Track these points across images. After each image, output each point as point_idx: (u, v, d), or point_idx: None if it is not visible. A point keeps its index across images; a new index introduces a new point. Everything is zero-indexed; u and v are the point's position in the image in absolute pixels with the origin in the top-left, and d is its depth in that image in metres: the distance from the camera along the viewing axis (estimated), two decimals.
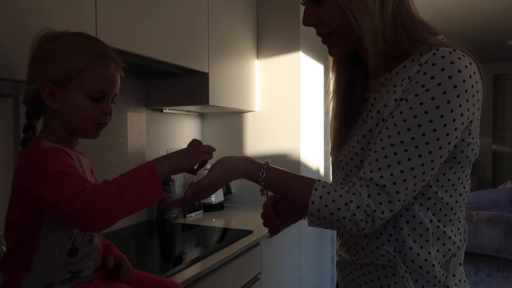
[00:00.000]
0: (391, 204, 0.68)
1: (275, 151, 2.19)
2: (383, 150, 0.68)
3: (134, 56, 1.34)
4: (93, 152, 1.61)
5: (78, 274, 0.82)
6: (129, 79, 1.82)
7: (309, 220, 0.73)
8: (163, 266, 1.30)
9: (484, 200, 2.55)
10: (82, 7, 1.11)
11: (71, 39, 0.81)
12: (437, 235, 0.74)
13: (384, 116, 0.71)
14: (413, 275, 0.74)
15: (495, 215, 2.01)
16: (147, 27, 1.36)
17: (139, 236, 1.68)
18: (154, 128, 2.00)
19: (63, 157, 0.76)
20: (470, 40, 5.06)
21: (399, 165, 0.67)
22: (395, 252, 0.74)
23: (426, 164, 0.67)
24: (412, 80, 0.68)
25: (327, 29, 0.77)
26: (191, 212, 2.01)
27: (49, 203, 0.71)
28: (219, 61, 1.83)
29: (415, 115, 0.66)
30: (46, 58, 0.79)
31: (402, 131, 0.67)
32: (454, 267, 0.76)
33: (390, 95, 0.72)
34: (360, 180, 0.70)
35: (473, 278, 1.96)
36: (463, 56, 0.67)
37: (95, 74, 0.80)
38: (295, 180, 0.76)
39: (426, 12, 3.20)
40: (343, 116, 0.84)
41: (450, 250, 0.75)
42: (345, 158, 0.79)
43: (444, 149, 0.67)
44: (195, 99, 1.78)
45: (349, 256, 0.84)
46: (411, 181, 0.67)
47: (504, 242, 1.90)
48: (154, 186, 0.72)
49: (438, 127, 0.65)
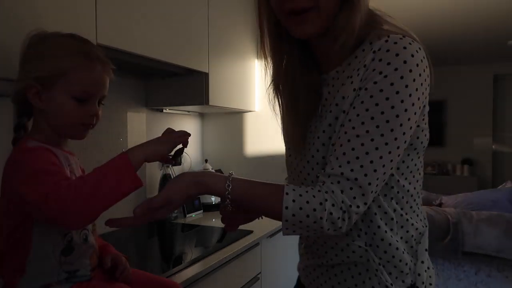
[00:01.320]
0: (364, 196, 0.66)
1: (275, 151, 2.19)
2: (349, 143, 0.67)
3: (134, 56, 1.34)
4: (93, 152, 1.61)
5: (74, 273, 0.82)
6: (129, 79, 1.82)
7: (283, 228, 0.68)
8: (163, 266, 1.29)
9: (484, 200, 2.55)
10: (82, 7, 1.11)
11: (59, 40, 0.81)
12: (400, 223, 0.74)
13: (344, 107, 0.69)
14: (386, 267, 0.73)
15: (495, 215, 2.02)
16: (147, 27, 1.36)
17: (139, 236, 1.68)
18: (154, 128, 2.00)
19: (44, 156, 0.75)
20: (470, 40, 5.07)
21: (367, 156, 0.65)
22: (366, 246, 0.73)
23: (393, 151, 0.66)
24: (369, 68, 0.67)
25: (312, 1, 0.69)
26: (191, 212, 2.01)
27: (29, 202, 0.71)
28: (219, 61, 1.83)
29: (377, 103, 0.65)
30: (34, 58, 0.79)
31: (366, 120, 0.66)
32: (422, 253, 0.76)
33: (347, 86, 0.70)
34: (330, 177, 0.67)
35: (473, 278, 1.96)
36: (413, 42, 0.67)
37: (81, 75, 0.80)
38: (263, 188, 0.72)
39: (426, 12, 3.21)
40: (297, 112, 0.80)
41: (413, 236, 0.76)
42: (305, 156, 0.77)
43: (407, 134, 0.67)
44: (195, 99, 1.78)
45: (317, 259, 0.81)
46: (381, 170, 0.66)
47: (504, 242, 1.90)
48: (128, 175, 0.71)
49: (400, 112, 0.65)
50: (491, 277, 1.93)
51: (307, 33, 0.72)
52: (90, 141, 1.61)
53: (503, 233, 1.90)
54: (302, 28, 0.72)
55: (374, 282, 0.74)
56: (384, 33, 0.68)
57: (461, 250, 1.94)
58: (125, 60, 1.37)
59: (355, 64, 0.71)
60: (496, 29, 4.09)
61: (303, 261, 0.88)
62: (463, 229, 1.96)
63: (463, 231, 1.96)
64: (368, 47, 0.70)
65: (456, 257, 1.95)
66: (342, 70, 0.74)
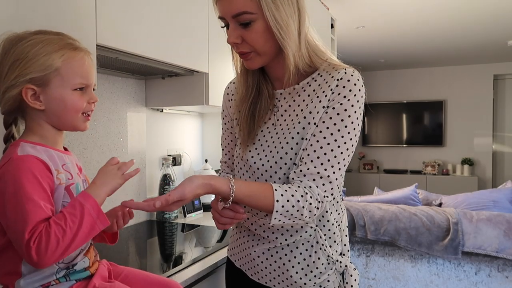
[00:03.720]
0: (333, 189, 0.90)
1: None
2: (322, 149, 0.88)
3: (134, 56, 1.34)
4: (93, 152, 1.61)
5: (72, 267, 0.82)
6: (129, 79, 1.82)
7: (273, 218, 0.86)
8: (163, 266, 1.30)
9: (484, 200, 2.55)
10: (82, 7, 1.11)
11: (38, 37, 0.80)
12: (335, 207, 1.00)
13: (315, 121, 0.90)
14: (327, 242, 0.97)
15: (495, 215, 2.01)
16: (147, 27, 1.36)
17: (139, 236, 1.68)
18: (154, 128, 2.00)
19: (32, 171, 0.74)
20: (470, 40, 5.06)
21: (336, 158, 0.88)
22: (315, 226, 0.96)
23: (351, 154, 0.91)
24: (335, 92, 0.89)
25: (248, 48, 0.91)
26: (191, 212, 2.01)
27: (3, 223, 0.73)
28: (219, 61, 1.83)
29: (342, 119, 0.88)
30: (20, 61, 0.77)
31: (334, 132, 0.88)
32: (344, 228, 1.03)
33: (315, 103, 0.91)
34: (306, 176, 0.88)
35: (473, 278, 1.97)
36: (357, 73, 0.92)
37: (74, 67, 0.81)
38: (257, 186, 0.88)
39: (426, 12, 3.21)
40: (252, 119, 1.00)
41: (339, 214, 1.02)
42: (267, 156, 0.96)
43: (357, 139, 0.92)
44: (195, 99, 1.78)
45: (267, 244, 0.99)
46: (344, 168, 0.91)
47: (504, 242, 1.90)
48: (101, 219, 0.76)
49: (356, 125, 0.90)
50: (491, 277, 1.93)
51: (253, 67, 0.95)
52: (90, 141, 1.61)
53: (503, 233, 1.90)
54: (248, 63, 0.95)
55: (319, 254, 0.96)
56: (334, 65, 0.93)
57: (461, 250, 1.94)
58: (125, 60, 1.37)
59: (315, 85, 0.94)
60: (496, 29, 4.09)
61: (244, 249, 1.04)
62: (463, 229, 1.96)
63: (463, 231, 1.96)
64: (325, 74, 0.93)
65: (456, 257, 1.95)
66: (302, 87, 0.96)
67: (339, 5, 3.34)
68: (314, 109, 0.91)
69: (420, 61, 5.83)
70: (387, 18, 3.73)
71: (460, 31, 4.19)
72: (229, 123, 1.13)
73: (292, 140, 0.92)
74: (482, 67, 5.98)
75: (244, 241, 1.05)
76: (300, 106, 0.94)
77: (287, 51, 0.89)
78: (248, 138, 1.00)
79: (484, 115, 5.98)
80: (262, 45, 0.90)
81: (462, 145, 6.10)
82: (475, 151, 6.02)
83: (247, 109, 1.00)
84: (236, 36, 0.89)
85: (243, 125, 1.01)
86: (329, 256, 0.97)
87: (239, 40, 0.90)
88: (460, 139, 6.12)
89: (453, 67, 6.13)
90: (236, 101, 1.06)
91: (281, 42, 0.88)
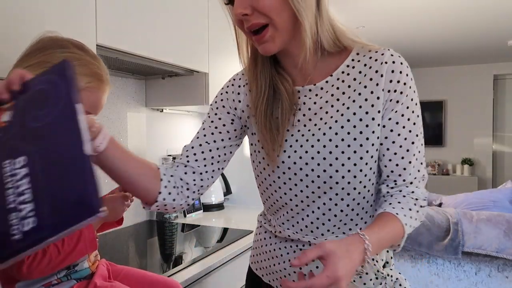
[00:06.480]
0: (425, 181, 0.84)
1: None
2: (408, 152, 0.78)
3: (134, 56, 1.34)
4: None
5: (73, 267, 0.82)
6: (129, 79, 1.82)
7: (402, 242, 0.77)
8: (163, 266, 1.30)
9: (484, 200, 2.55)
10: (82, 7, 1.11)
11: (77, 54, 0.79)
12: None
13: (379, 108, 0.77)
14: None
15: (495, 215, 2.01)
16: (147, 27, 1.36)
17: (139, 236, 1.68)
18: (154, 128, 2.00)
19: None
20: (470, 40, 5.06)
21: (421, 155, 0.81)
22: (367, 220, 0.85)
23: None
24: (387, 78, 0.76)
25: (264, 19, 0.72)
26: (191, 212, 2.01)
27: None
28: (219, 61, 1.83)
29: (413, 110, 0.78)
30: (49, 64, 0.76)
31: (412, 128, 0.78)
32: None
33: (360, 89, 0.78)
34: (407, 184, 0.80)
35: (473, 278, 1.96)
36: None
37: (91, 97, 0.81)
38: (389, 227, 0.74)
39: (426, 12, 3.20)
40: (274, 122, 0.83)
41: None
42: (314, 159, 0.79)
43: None
44: (195, 99, 1.78)
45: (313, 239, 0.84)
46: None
47: (504, 242, 1.90)
48: (91, 246, 0.80)
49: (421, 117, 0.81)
50: (491, 277, 1.93)
51: (273, 49, 0.76)
52: None
53: (503, 233, 1.90)
54: (267, 46, 0.76)
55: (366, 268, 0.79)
56: (369, 47, 0.79)
57: (461, 250, 1.94)
58: (125, 60, 1.37)
59: (353, 72, 0.79)
60: (496, 29, 4.09)
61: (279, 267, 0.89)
62: (463, 229, 1.96)
63: (463, 231, 1.96)
64: (363, 58, 0.79)
65: (456, 257, 1.95)
66: (336, 79, 0.80)
67: (339, 5, 3.34)
68: (361, 96, 0.77)
69: (420, 61, 5.83)
70: (387, 18, 3.73)
71: (460, 31, 4.19)
72: (225, 117, 0.90)
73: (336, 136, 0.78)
74: (482, 67, 5.97)
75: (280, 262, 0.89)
76: (341, 100, 0.79)
77: (302, 19, 0.72)
78: (275, 145, 0.82)
79: (484, 115, 5.98)
80: (279, 13, 0.72)
81: (462, 145, 6.10)
82: (475, 151, 6.02)
83: (263, 111, 0.83)
84: (245, 5, 0.72)
85: (264, 131, 0.83)
86: (379, 271, 0.82)
87: (249, 10, 0.72)
88: (460, 139, 6.12)
89: (453, 67, 6.13)
90: (250, 101, 0.87)
91: (296, 8, 0.71)
